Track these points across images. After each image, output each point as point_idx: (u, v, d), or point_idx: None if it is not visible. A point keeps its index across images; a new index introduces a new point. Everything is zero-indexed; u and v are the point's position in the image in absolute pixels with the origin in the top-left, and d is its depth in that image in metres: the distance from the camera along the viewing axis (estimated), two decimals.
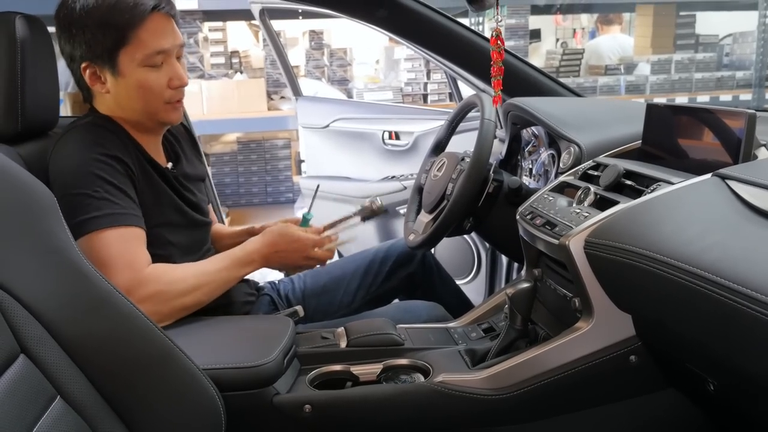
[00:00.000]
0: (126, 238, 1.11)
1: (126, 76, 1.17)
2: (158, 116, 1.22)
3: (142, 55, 1.15)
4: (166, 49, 1.18)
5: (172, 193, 1.24)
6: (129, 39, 1.15)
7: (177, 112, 1.25)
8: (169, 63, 1.19)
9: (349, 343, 1.13)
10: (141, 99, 1.19)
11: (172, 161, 1.30)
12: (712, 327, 0.75)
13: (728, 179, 0.87)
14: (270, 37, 2.83)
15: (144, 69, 1.17)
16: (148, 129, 1.25)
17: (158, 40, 1.17)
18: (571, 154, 1.28)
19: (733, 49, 4.79)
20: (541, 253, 1.14)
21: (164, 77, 1.19)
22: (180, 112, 1.26)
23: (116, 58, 1.16)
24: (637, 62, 4.60)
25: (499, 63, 1.24)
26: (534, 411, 1.04)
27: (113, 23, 1.13)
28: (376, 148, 2.62)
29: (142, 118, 1.22)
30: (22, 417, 0.68)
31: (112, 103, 1.21)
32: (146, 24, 1.15)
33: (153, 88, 1.18)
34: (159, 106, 1.21)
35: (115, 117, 1.21)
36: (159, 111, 1.21)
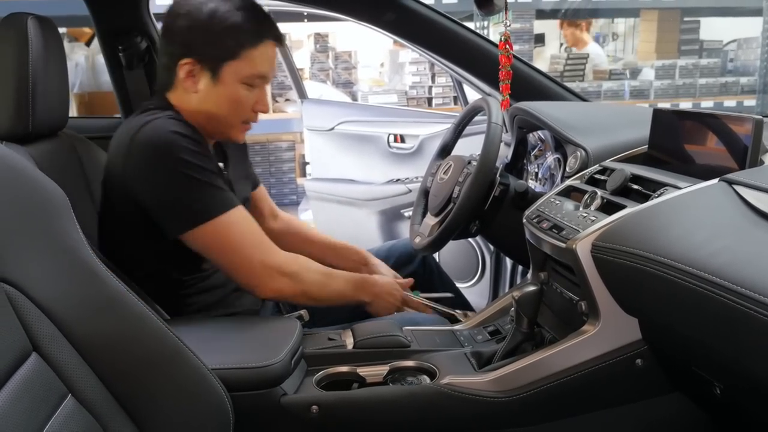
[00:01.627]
0: (241, 218, 1.18)
1: (223, 85, 1.21)
2: (230, 131, 1.27)
3: (246, 74, 1.21)
4: (266, 75, 1.24)
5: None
6: (240, 56, 1.19)
7: (243, 134, 1.30)
8: (261, 88, 1.25)
9: (355, 345, 1.13)
10: (226, 110, 1.23)
11: (222, 162, 1.33)
12: (720, 331, 0.76)
13: (735, 184, 0.88)
14: None
15: (241, 85, 1.21)
16: (211, 134, 1.27)
17: (264, 65, 1.23)
18: (578, 158, 1.28)
19: (737, 55, 4.79)
20: (547, 257, 1.15)
21: (253, 98, 1.24)
22: (244, 134, 1.31)
23: (221, 67, 1.20)
24: (642, 67, 4.60)
25: (507, 67, 1.25)
26: (540, 414, 1.04)
27: (233, 37, 1.19)
28: (381, 151, 2.62)
29: (215, 125, 1.25)
30: (34, 415, 0.69)
31: (194, 101, 1.23)
32: (260, 48, 1.21)
33: (241, 105, 1.23)
34: (236, 123, 1.26)
35: (187, 112, 1.23)
36: (234, 126, 1.26)
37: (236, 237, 1.16)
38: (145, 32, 1.71)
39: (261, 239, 1.19)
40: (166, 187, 1.15)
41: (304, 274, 1.22)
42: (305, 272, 1.22)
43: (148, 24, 1.72)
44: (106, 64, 1.76)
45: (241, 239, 1.16)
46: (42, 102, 1.19)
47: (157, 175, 1.14)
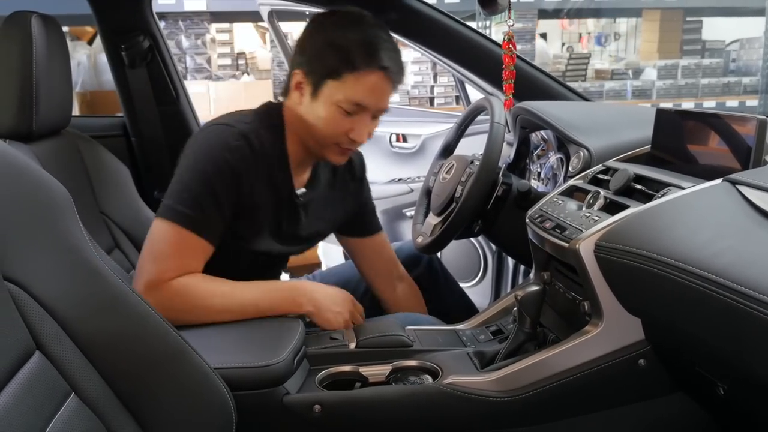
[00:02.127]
0: (185, 243, 1.12)
1: (320, 102, 1.18)
2: (322, 151, 1.23)
3: (341, 97, 1.16)
4: (365, 105, 1.18)
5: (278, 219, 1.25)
6: (342, 77, 1.15)
7: (341, 157, 1.26)
8: (360, 117, 1.19)
9: (358, 344, 1.13)
10: (319, 128, 1.19)
11: (309, 187, 1.30)
12: (723, 331, 0.76)
13: (739, 184, 0.88)
14: (278, 38, 2.84)
15: (337, 108, 1.17)
16: (309, 151, 1.25)
17: (365, 94, 1.17)
18: (581, 158, 1.28)
19: (739, 55, 4.79)
20: (550, 257, 1.15)
21: (347, 125, 1.19)
22: (346, 157, 1.27)
23: (322, 84, 1.17)
24: (644, 67, 4.60)
25: (510, 67, 1.25)
26: (542, 413, 1.04)
27: (338, 57, 1.15)
28: (383, 151, 2.62)
29: (311, 141, 1.23)
30: (37, 413, 0.69)
31: (300, 112, 1.21)
32: (365, 75, 1.16)
33: (333, 128, 1.19)
34: (328, 144, 1.21)
35: (291, 124, 1.23)
36: (326, 147, 1.22)
37: (157, 245, 1.12)
38: (148, 31, 1.71)
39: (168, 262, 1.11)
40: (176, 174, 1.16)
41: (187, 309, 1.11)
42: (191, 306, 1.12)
43: (150, 23, 1.73)
44: (108, 63, 1.76)
45: (156, 249, 1.12)
46: (45, 100, 1.19)
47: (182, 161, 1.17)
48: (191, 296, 1.12)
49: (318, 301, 1.19)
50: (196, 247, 1.13)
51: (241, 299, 1.15)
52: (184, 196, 1.13)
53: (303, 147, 1.25)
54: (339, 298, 1.23)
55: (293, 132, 1.24)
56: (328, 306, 1.20)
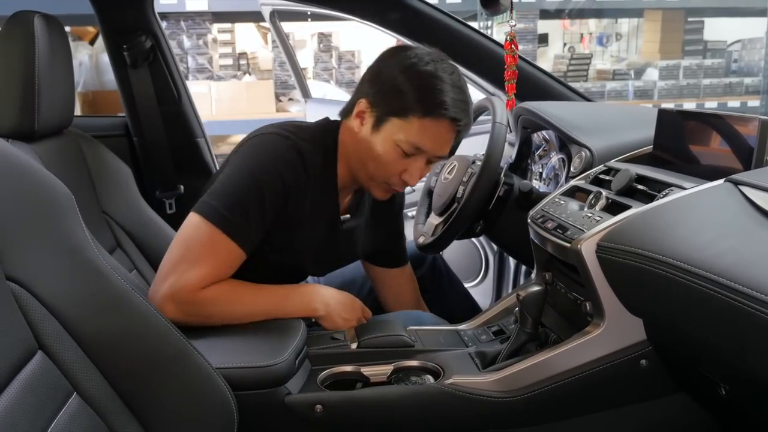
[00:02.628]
0: (221, 248, 1.09)
1: (379, 136, 1.16)
2: (370, 184, 1.22)
3: (403, 137, 1.14)
4: (424, 150, 1.16)
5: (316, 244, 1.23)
6: (408, 118, 1.13)
7: (386, 195, 1.24)
8: (416, 160, 1.17)
9: (359, 344, 1.13)
10: (372, 162, 1.17)
11: (352, 213, 1.29)
12: (726, 331, 0.76)
13: (741, 185, 0.88)
14: (280, 38, 2.84)
15: (395, 147, 1.15)
16: (351, 180, 1.24)
17: (428, 139, 1.15)
18: (582, 158, 1.28)
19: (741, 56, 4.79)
20: (551, 257, 1.14)
21: (402, 166, 1.17)
22: (389, 195, 1.25)
23: (386, 119, 1.15)
24: (645, 67, 4.60)
25: (513, 67, 1.24)
26: (544, 414, 1.04)
27: (410, 97, 1.13)
28: None
29: (361, 172, 1.21)
30: (40, 413, 0.69)
31: (356, 141, 1.19)
32: (432, 122, 1.14)
33: (387, 165, 1.17)
34: (378, 180, 1.20)
35: (344, 149, 1.21)
36: (373, 181, 1.20)
37: (190, 242, 1.09)
38: (150, 31, 1.71)
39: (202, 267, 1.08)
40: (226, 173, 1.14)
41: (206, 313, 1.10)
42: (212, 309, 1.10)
43: (152, 23, 1.73)
44: (110, 63, 1.77)
45: (189, 247, 1.08)
46: (48, 100, 1.19)
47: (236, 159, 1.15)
48: (217, 306, 1.10)
49: (330, 306, 1.19)
50: (230, 253, 1.11)
51: (263, 305, 1.14)
52: (230, 200, 1.10)
53: (351, 173, 1.23)
54: (349, 305, 1.22)
55: (345, 156, 1.22)
56: (339, 312, 1.19)
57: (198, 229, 1.09)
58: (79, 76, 3.46)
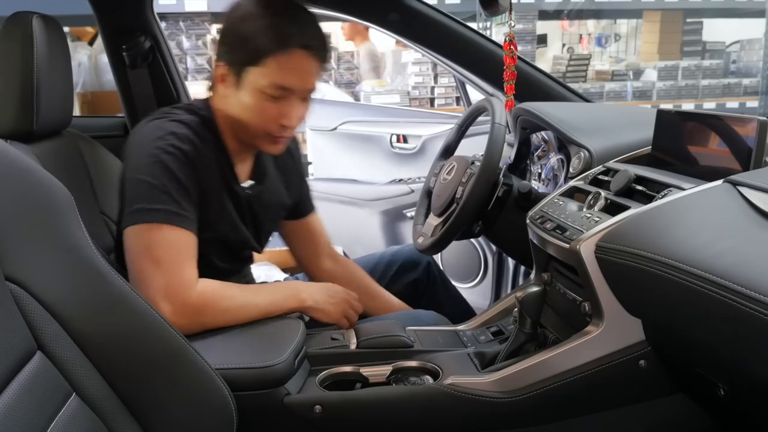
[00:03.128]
0: (179, 241, 1.09)
1: (244, 91, 1.15)
2: (256, 142, 1.21)
3: (266, 82, 1.13)
4: (290, 88, 1.14)
5: (235, 213, 1.23)
6: (262, 62, 1.12)
7: (276, 146, 1.22)
8: (287, 100, 1.15)
9: (358, 345, 1.13)
10: (247, 119, 1.17)
11: (255, 179, 1.29)
12: (725, 332, 0.76)
13: (740, 185, 0.88)
14: None
15: (261, 94, 1.14)
16: (245, 143, 1.23)
17: (288, 76, 1.13)
18: (581, 159, 1.28)
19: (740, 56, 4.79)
20: (550, 257, 1.15)
21: (276, 111, 1.15)
22: (280, 147, 1.23)
23: (244, 72, 1.14)
24: (644, 68, 4.60)
25: (512, 68, 1.24)
26: (543, 414, 1.04)
27: (257, 41, 1.11)
28: (383, 151, 2.62)
29: (243, 133, 1.20)
30: (39, 413, 0.69)
31: (227, 105, 1.19)
32: (288, 56, 1.12)
33: (261, 116, 1.16)
34: (260, 134, 1.18)
35: (222, 118, 1.21)
36: (258, 137, 1.19)
37: (152, 254, 1.07)
38: (149, 31, 1.71)
39: (179, 270, 1.08)
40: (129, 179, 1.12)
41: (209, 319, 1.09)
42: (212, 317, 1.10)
43: (152, 23, 1.73)
44: (109, 63, 1.76)
45: (155, 259, 1.06)
46: (46, 101, 1.19)
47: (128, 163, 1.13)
48: (214, 303, 1.10)
49: (316, 295, 1.21)
50: (189, 242, 1.10)
51: (253, 299, 1.14)
52: (150, 194, 1.08)
53: (237, 139, 1.22)
54: (333, 290, 1.25)
55: (225, 125, 1.21)
56: (326, 299, 1.22)
57: (148, 237, 1.07)
58: (78, 76, 3.46)
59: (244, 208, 1.26)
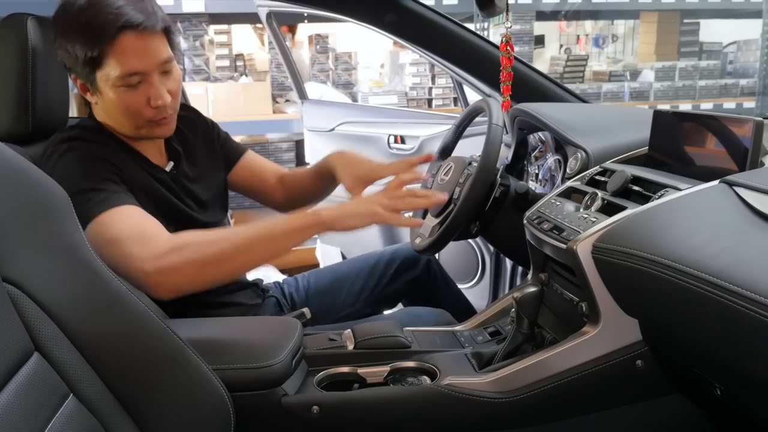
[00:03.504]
0: (127, 214, 1.06)
1: (103, 94, 1.13)
2: (142, 132, 1.18)
3: (114, 76, 1.09)
4: (140, 71, 1.10)
5: (170, 196, 1.22)
6: (100, 60, 1.09)
7: (164, 128, 1.19)
8: (147, 82, 1.12)
9: (356, 345, 1.13)
10: (122, 118, 1.15)
11: (173, 160, 1.27)
12: (721, 332, 0.76)
13: (736, 186, 0.88)
14: (276, 40, 2.85)
15: (120, 89, 1.11)
16: (142, 138, 1.21)
17: (129, 61, 1.09)
18: (578, 159, 1.28)
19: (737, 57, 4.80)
20: (547, 258, 1.15)
21: (142, 97, 1.13)
22: (169, 126, 1.19)
23: (93, 76, 1.11)
24: (641, 69, 4.61)
25: (508, 68, 1.24)
26: (540, 414, 1.04)
27: (86, 42, 1.08)
28: (381, 152, 2.62)
29: (130, 131, 1.18)
30: (36, 414, 0.69)
31: (100, 112, 1.19)
32: (116, 45, 1.08)
33: (130, 107, 1.13)
34: (142, 124, 1.16)
35: (108, 125, 1.19)
36: (142, 128, 1.17)
37: (113, 233, 1.03)
38: None
39: (142, 234, 1.04)
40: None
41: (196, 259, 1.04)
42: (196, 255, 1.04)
43: None
44: None
45: (118, 235, 1.03)
46: (42, 102, 1.19)
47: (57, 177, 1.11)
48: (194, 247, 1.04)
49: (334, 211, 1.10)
50: (135, 213, 1.08)
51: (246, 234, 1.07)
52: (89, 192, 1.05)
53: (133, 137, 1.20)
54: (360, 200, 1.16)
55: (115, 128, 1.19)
56: (348, 211, 1.11)
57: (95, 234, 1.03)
58: None
59: (177, 188, 1.24)
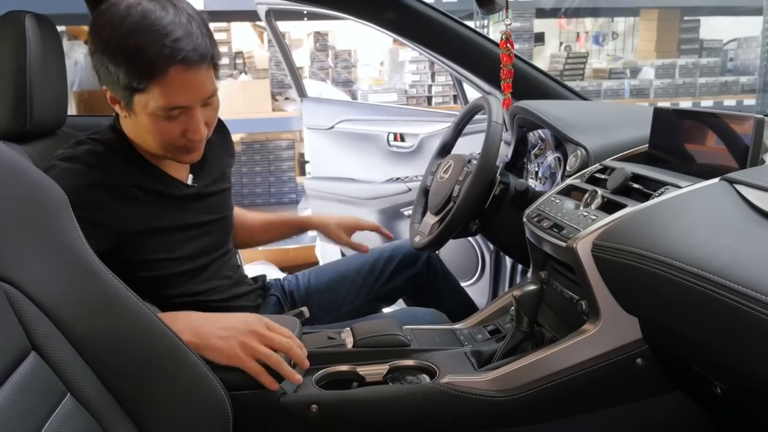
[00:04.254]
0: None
1: (137, 116, 1.08)
2: (169, 155, 1.14)
3: (155, 107, 1.05)
4: (183, 105, 1.06)
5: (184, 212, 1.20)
6: (144, 89, 1.04)
7: (192, 155, 1.15)
8: (188, 115, 1.07)
9: (355, 344, 1.13)
10: (152, 140, 1.11)
11: (193, 173, 1.24)
12: (721, 330, 0.76)
13: (736, 183, 0.88)
14: (276, 38, 2.84)
15: (158, 117, 1.06)
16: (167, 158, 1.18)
17: (175, 95, 1.04)
18: (578, 157, 1.28)
19: (737, 54, 4.79)
20: (547, 256, 1.14)
21: (179, 128, 1.08)
22: (198, 153, 1.16)
23: (131, 98, 1.06)
24: (641, 66, 4.60)
25: (508, 65, 1.24)
26: (540, 413, 1.04)
27: (132, 71, 1.02)
28: (380, 150, 2.62)
29: (156, 152, 1.14)
30: (33, 414, 0.68)
31: (128, 127, 1.15)
32: (164, 79, 1.02)
33: (164, 135, 1.09)
34: (170, 150, 1.12)
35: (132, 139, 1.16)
36: (169, 153, 1.13)
37: None
38: None
39: None
40: None
41: None
42: None
43: None
44: None
45: None
46: (40, 100, 1.18)
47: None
48: None
49: (201, 330, 0.96)
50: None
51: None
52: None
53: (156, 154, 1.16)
54: (231, 322, 0.98)
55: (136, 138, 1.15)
56: (214, 331, 0.97)
57: None
58: (74, 75, 3.44)
59: (195, 201, 1.23)
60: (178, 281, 1.21)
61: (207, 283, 1.25)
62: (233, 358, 0.95)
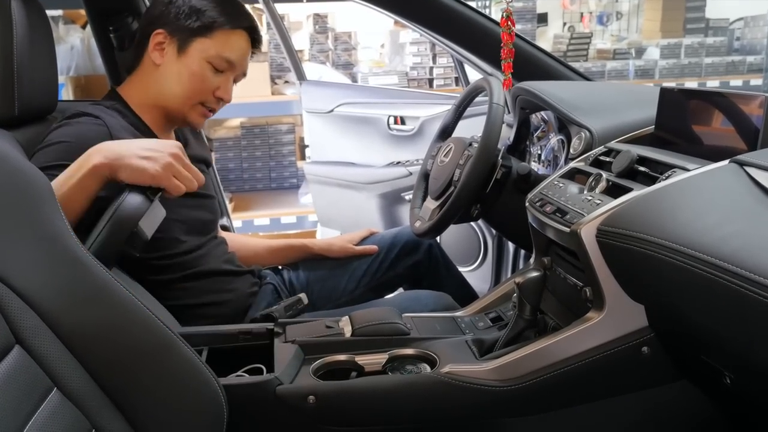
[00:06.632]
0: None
1: (188, 59, 1.21)
2: (186, 111, 1.25)
3: (213, 53, 1.22)
4: (234, 63, 1.24)
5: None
6: (213, 35, 1.21)
7: (201, 120, 1.28)
8: (226, 76, 1.25)
9: (353, 333, 1.10)
10: (185, 85, 1.22)
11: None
12: (732, 318, 0.73)
13: (747, 166, 0.85)
14: (274, 20, 2.80)
15: (207, 64, 1.22)
16: (165, 121, 1.26)
17: (235, 52, 1.24)
18: (582, 139, 1.25)
19: (744, 34, 4.73)
20: (550, 241, 1.12)
21: (216, 83, 1.24)
22: (204, 121, 1.29)
23: (191, 41, 1.21)
24: (647, 46, 4.55)
25: (509, 45, 1.21)
26: (542, 403, 1.02)
27: (212, 14, 1.21)
28: (381, 133, 2.59)
29: (172, 104, 1.24)
30: (17, 410, 0.66)
31: (152, 82, 1.23)
32: (235, 34, 1.23)
33: (202, 83, 1.22)
34: (193, 103, 1.24)
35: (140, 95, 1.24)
36: (190, 107, 1.25)
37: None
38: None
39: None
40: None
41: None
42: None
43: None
44: (97, 46, 1.72)
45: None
46: (28, 85, 1.15)
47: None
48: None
49: (115, 152, 0.95)
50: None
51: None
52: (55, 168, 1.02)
53: (161, 115, 1.26)
54: (151, 144, 0.99)
55: (145, 100, 1.25)
56: (133, 152, 0.95)
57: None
58: (70, 60, 3.41)
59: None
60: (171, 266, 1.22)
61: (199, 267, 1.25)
62: (157, 177, 0.95)
